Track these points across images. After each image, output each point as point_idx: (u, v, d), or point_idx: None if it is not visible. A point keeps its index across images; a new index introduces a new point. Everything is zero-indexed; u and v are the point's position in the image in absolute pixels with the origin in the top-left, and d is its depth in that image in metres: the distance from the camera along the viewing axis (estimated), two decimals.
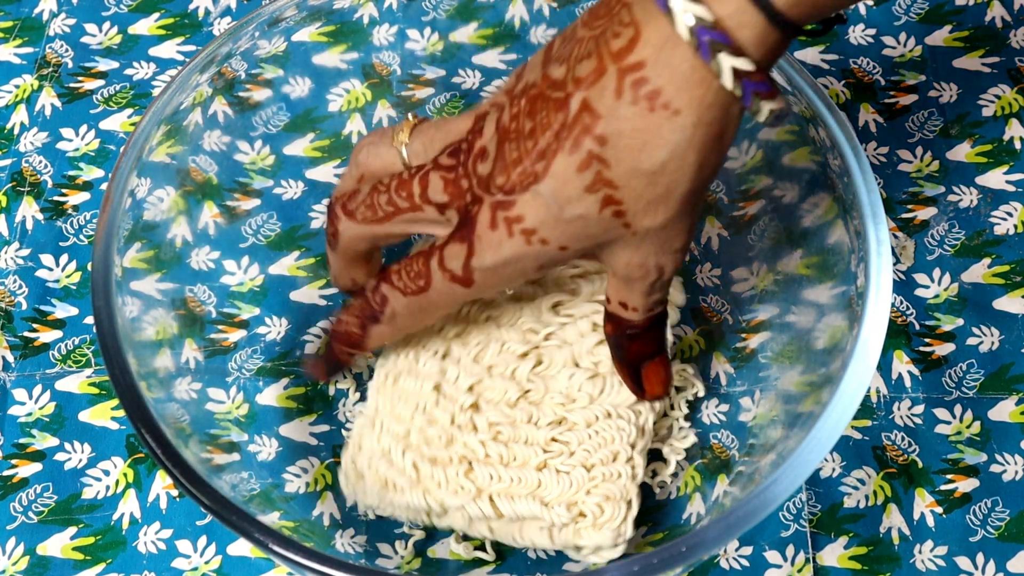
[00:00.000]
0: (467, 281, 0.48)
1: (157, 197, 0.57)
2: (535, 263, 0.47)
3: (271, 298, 0.64)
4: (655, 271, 0.48)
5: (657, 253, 0.47)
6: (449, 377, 0.57)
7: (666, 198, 0.45)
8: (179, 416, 0.52)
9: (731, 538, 0.47)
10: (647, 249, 0.47)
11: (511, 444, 0.55)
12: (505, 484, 0.54)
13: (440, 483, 0.54)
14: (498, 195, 0.46)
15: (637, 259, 0.47)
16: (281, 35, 0.62)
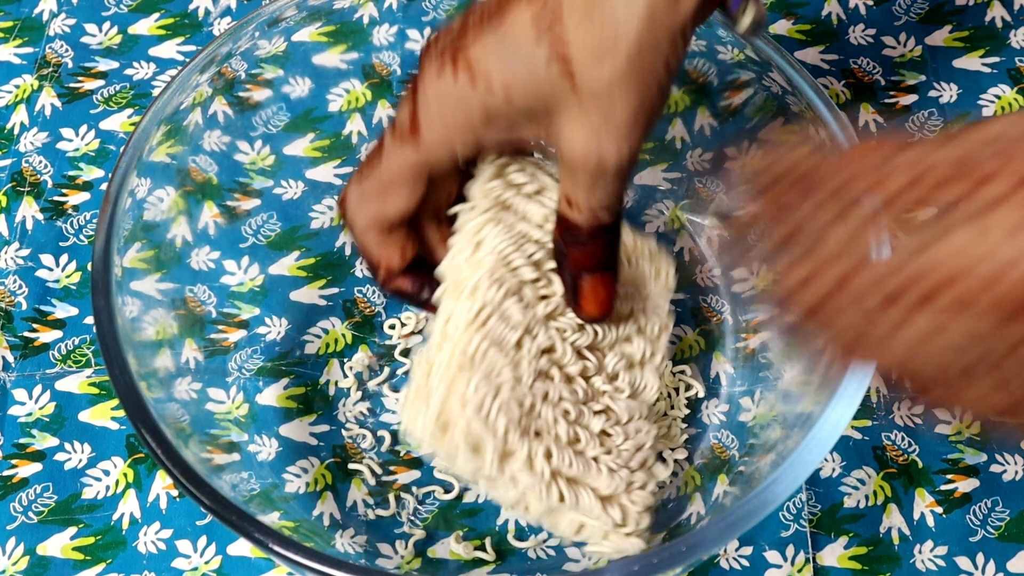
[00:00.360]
0: (415, 135, 0.48)
1: (157, 197, 0.57)
2: (481, 113, 0.47)
3: (271, 298, 0.64)
4: (596, 156, 0.46)
5: (600, 129, 0.46)
6: (533, 332, 0.51)
7: (612, 47, 0.44)
8: (179, 416, 0.52)
9: (731, 538, 0.47)
10: (590, 121, 0.46)
11: (578, 428, 0.51)
12: (575, 472, 0.51)
13: (521, 457, 0.49)
14: (452, 45, 0.47)
15: (581, 136, 0.46)
16: (281, 35, 0.62)
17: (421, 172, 0.50)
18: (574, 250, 0.50)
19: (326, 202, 0.67)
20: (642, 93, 0.46)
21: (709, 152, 0.65)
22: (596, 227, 0.49)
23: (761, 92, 0.59)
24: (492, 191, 0.52)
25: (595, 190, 0.48)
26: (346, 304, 0.64)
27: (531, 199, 0.53)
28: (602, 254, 0.50)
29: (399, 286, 0.54)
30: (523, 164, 0.53)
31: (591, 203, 0.48)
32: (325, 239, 0.66)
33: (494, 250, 0.51)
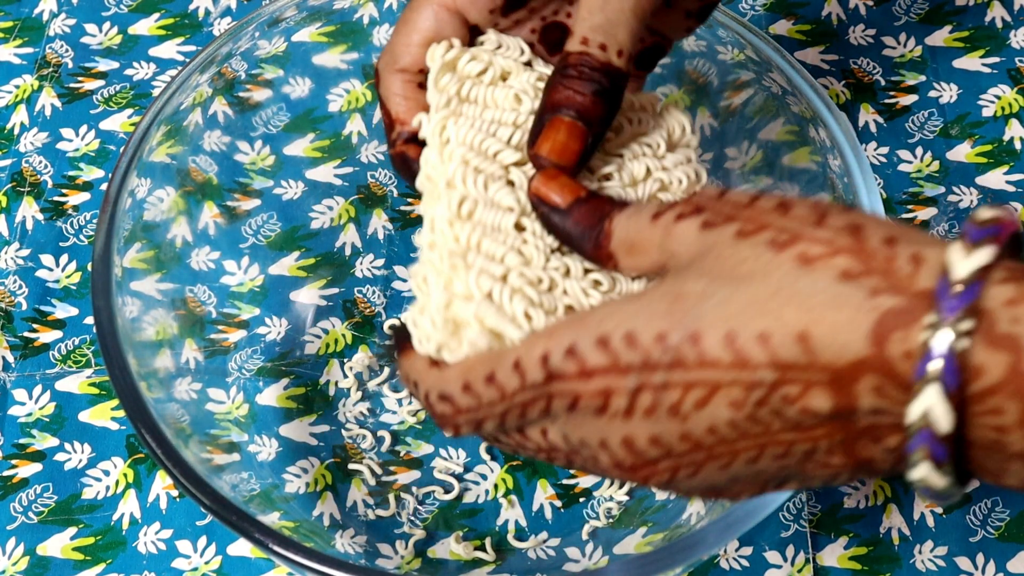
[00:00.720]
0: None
1: (157, 197, 0.57)
2: None
3: (271, 298, 0.64)
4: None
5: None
6: (528, 209, 0.46)
7: None
8: (179, 416, 0.52)
9: (731, 538, 0.47)
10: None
11: (614, 296, 0.45)
12: None
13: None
14: None
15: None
16: (281, 35, 0.62)
17: (447, 7, 0.47)
18: (560, 87, 0.44)
19: (326, 202, 0.67)
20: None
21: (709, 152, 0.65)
22: (597, 63, 0.44)
23: (761, 92, 0.59)
24: (445, 87, 0.48)
25: (605, 7, 0.44)
26: (346, 304, 0.64)
27: (494, 86, 0.48)
28: (587, 101, 0.44)
29: (405, 151, 0.48)
30: (475, 53, 0.49)
31: (595, 22, 0.44)
32: (325, 239, 0.66)
33: (462, 141, 0.47)
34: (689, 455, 0.37)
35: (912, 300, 0.33)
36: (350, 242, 0.66)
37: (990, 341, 0.32)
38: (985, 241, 0.33)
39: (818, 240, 0.35)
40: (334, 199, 0.67)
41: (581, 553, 0.57)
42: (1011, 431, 0.32)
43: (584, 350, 0.37)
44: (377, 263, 0.66)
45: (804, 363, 0.34)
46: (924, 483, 0.34)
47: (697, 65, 0.62)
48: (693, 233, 0.37)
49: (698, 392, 0.35)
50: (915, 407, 0.32)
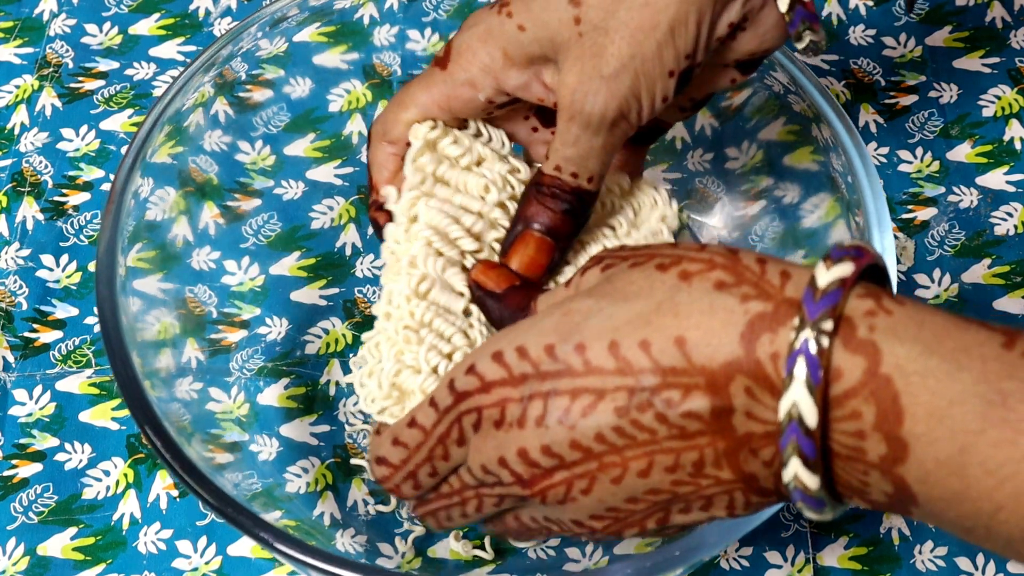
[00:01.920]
0: (444, 60, 0.50)
1: (159, 197, 0.57)
2: (502, 44, 0.48)
3: (272, 298, 0.64)
4: (581, 101, 0.47)
5: (589, 74, 0.46)
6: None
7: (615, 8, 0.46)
8: (181, 415, 0.52)
9: (732, 539, 0.47)
10: (583, 65, 0.46)
11: None
12: None
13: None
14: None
15: (571, 78, 0.47)
16: (282, 35, 0.62)
17: (440, 104, 0.50)
18: (534, 201, 0.49)
19: (326, 202, 0.67)
20: (640, 52, 0.46)
21: (710, 152, 0.65)
22: (567, 187, 0.49)
23: (762, 92, 0.59)
24: (423, 166, 0.51)
25: (577, 144, 0.48)
26: (346, 304, 0.64)
27: (468, 171, 0.52)
28: (556, 219, 0.49)
29: (377, 218, 0.53)
30: (456, 136, 0.52)
31: (567, 154, 0.48)
32: (325, 239, 0.66)
33: (429, 223, 0.50)
34: (581, 464, 0.38)
35: (779, 306, 0.36)
36: (350, 242, 0.66)
37: (849, 345, 0.34)
38: (846, 259, 0.36)
39: (697, 259, 0.38)
40: (334, 199, 0.67)
41: (581, 553, 0.57)
42: (868, 435, 0.34)
43: (482, 366, 0.40)
44: (377, 263, 0.66)
45: (682, 367, 0.36)
46: (797, 483, 0.36)
47: None
48: (595, 275, 0.41)
49: (585, 399, 0.38)
50: (784, 402, 0.35)
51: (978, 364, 0.33)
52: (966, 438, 0.33)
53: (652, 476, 0.38)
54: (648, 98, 0.47)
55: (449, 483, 0.44)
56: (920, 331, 0.34)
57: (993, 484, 0.33)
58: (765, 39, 0.49)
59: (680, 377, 0.36)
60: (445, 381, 0.41)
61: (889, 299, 0.35)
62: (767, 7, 0.48)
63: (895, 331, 0.34)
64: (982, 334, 0.34)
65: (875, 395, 0.34)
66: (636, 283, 0.38)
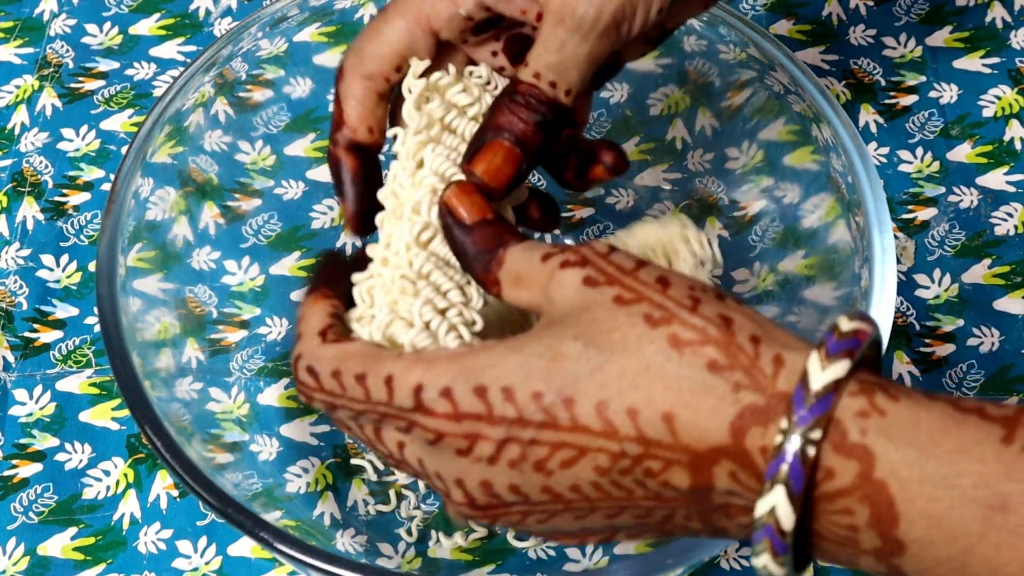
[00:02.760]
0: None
1: (159, 197, 0.57)
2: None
3: (272, 298, 0.64)
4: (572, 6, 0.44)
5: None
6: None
7: None
8: (181, 415, 0.52)
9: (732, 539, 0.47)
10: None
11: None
12: None
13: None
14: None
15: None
16: (282, 35, 0.62)
17: (418, 21, 0.47)
18: (505, 110, 0.45)
19: (327, 202, 0.67)
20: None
21: (710, 153, 0.65)
22: (544, 97, 0.45)
23: (762, 92, 0.59)
24: (431, 112, 0.48)
25: (562, 50, 0.45)
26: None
27: (475, 121, 0.49)
28: (528, 130, 0.45)
29: (341, 157, 0.49)
30: (466, 83, 0.49)
31: (549, 60, 0.45)
32: (326, 239, 0.66)
33: (436, 171, 0.47)
34: (547, 505, 0.38)
35: (770, 400, 0.35)
36: (351, 242, 0.66)
37: (841, 450, 0.34)
38: (841, 355, 0.35)
39: (690, 326, 0.37)
40: (335, 199, 0.67)
41: (581, 553, 0.57)
42: (862, 531, 0.34)
43: (459, 395, 0.38)
44: None
45: (667, 442, 0.36)
46: (764, 571, 0.36)
47: (697, 66, 0.62)
48: (575, 286, 0.39)
49: (566, 453, 0.37)
50: (762, 504, 0.34)
51: (977, 467, 0.33)
52: (967, 540, 0.33)
53: (618, 520, 0.38)
54: (644, 5, 0.44)
55: (380, 438, 0.41)
56: (915, 434, 0.34)
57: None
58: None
59: (664, 451, 0.36)
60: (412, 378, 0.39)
61: (882, 395, 0.35)
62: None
63: (889, 433, 0.34)
64: (980, 431, 0.33)
65: (869, 498, 0.34)
66: (621, 330, 0.37)
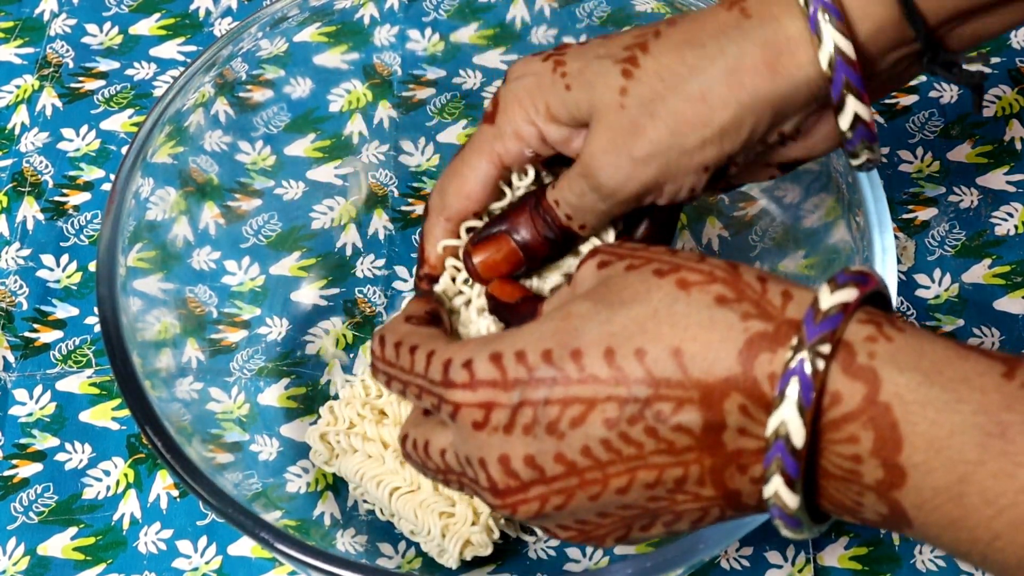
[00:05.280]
0: (492, 114, 0.48)
1: (159, 197, 0.57)
2: (546, 97, 0.47)
3: (272, 298, 0.64)
4: (596, 165, 0.46)
5: (615, 146, 0.45)
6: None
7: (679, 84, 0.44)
8: (181, 416, 0.52)
9: (732, 539, 0.47)
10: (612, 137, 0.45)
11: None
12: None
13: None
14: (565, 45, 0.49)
15: (596, 143, 0.46)
16: (282, 36, 0.62)
17: (490, 160, 0.49)
18: (527, 211, 0.49)
19: (327, 202, 0.67)
20: (679, 144, 0.45)
21: None
22: (556, 220, 0.48)
23: None
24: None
25: (581, 198, 0.47)
26: (347, 304, 0.64)
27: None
28: (537, 240, 0.49)
29: (422, 288, 0.53)
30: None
31: (569, 200, 0.48)
32: (325, 239, 0.66)
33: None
34: (562, 480, 0.38)
35: (780, 327, 0.36)
36: (351, 242, 0.66)
37: (849, 370, 0.34)
38: (850, 284, 0.36)
39: (697, 270, 0.38)
40: (335, 199, 0.67)
41: (582, 553, 0.57)
42: (865, 460, 0.34)
43: (477, 364, 0.39)
44: (378, 263, 0.66)
45: (676, 379, 0.36)
46: (777, 500, 0.35)
47: None
48: (591, 271, 0.41)
49: (575, 409, 0.37)
50: (773, 420, 0.35)
51: (978, 395, 0.33)
52: (965, 468, 0.33)
53: (630, 493, 0.38)
54: (673, 188, 0.46)
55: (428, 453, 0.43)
56: (920, 360, 0.34)
57: (991, 513, 0.33)
58: (814, 149, 0.47)
59: (674, 389, 0.36)
60: (447, 354, 0.40)
61: (890, 326, 0.35)
62: (823, 120, 0.46)
63: (895, 359, 0.34)
64: (982, 363, 0.34)
65: (873, 421, 0.34)
66: (632, 287, 0.38)
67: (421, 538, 0.55)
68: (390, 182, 0.68)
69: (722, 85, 0.44)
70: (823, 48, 0.43)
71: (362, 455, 0.55)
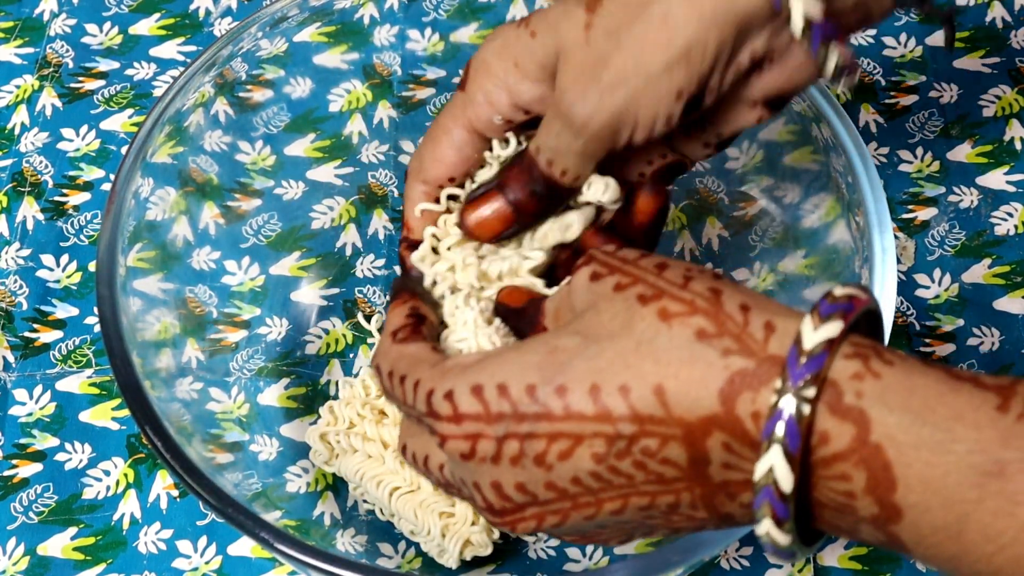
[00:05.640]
0: (463, 85, 0.48)
1: (159, 197, 0.57)
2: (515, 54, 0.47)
3: (272, 298, 0.64)
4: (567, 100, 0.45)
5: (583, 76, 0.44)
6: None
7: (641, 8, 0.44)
8: (181, 415, 0.52)
9: (732, 539, 0.47)
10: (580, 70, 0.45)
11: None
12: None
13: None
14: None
15: (566, 77, 0.45)
16: (282, 36, 0.62)
17: (464, 127, 0.49)
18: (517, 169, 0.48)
19: (327, 202, 0.67)
20: (646, 68, 0.44)
21: None
22: (539, 173, 0.47)
23: None
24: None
25: (558, 138, 0.46)
26: (346, 304, 0.64)
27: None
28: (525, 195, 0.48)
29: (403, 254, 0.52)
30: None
31: (547, 142, 0.47)
32: (325, 239, 0.66)
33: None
34: (555, 503, 0.38)
35: (762, 364, 0.35)
36: (351, 242, 0.66)
37: (837, 411, 0.34)
38: (834, 316, 0.35)
39: (679, 299, 0.37)
40: (334, 199, 0.67)
41: (582, 553, 0.57)
42: (859, 497, 0.34)
43: (459, 396, 0.39)
44: (378, 263, 0.66)
45: (660, 416, 0.36)
46: (768, 539, 0.35)
47: None
48: (584, 284, 0.40)
49: (562, 444, 0.37)
50: (760, 465, 0.34)
51: (973, 433, 0.33)
52: (963, 507, 0.32)
53: (625, 514, 0.38)
54: (648, 116, 0.45)
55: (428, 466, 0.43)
56: (910, 398, 0.33)
57: (992, 550, 0.32)
58: (794, 76, 0.46)
59: (658, 426, 0.36)
60: (430, 385, 0.40)
61: (877, 360, 0.34)
62: (795, 42, 0.45)
63: (884, 398, 0.34)
64: (976, 397, 0.33)
65: (865, 462, 0.33)
66: (618, 316, 0.38)
67: (421, 538, 0.55)
68: (390, 182, 0.68)
69: (682, 5, 0.43)
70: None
71: (362, 455, 0.55)
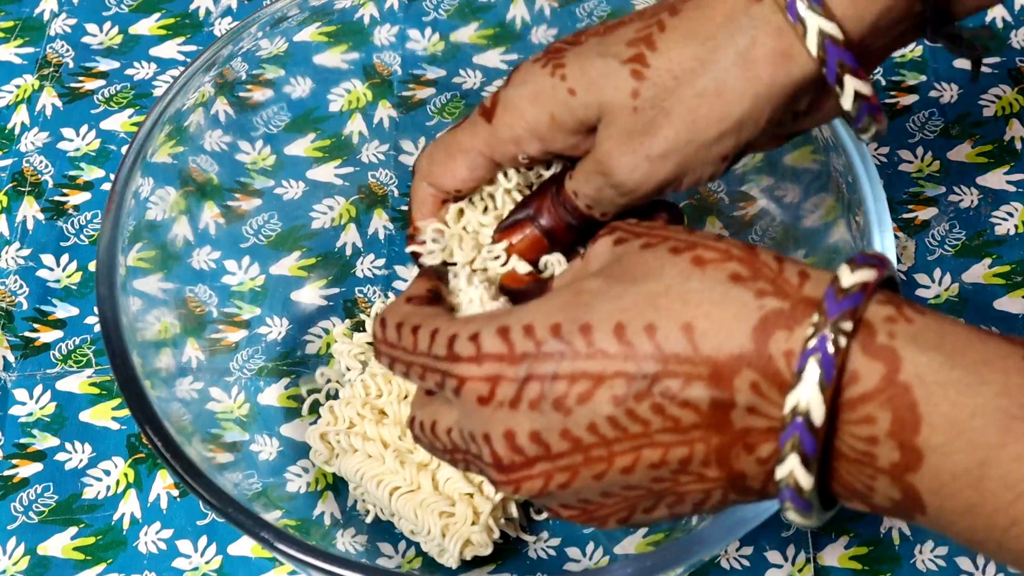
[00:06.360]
0: (491, 115, 0.49)
1: (159, 197, 0.57)
2: (549, 106, 0.47)
3: (272, 298, 0.64)
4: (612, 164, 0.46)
5: (633, 150, 0.46)
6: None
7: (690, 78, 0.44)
8: (181, 415, 0.52)
9: (732, 538, 0.47)
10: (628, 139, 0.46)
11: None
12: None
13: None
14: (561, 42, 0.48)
15: (611, 146, 0.46)
16: (282, 35, 0.62)
17: (483, 154, 0.50)
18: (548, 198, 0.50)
19: (327, 202, 0.67)
20: (697, 139, 0.45)
21: None
22: (576, 210, 0.49)
23: None
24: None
25: (599, 193, 0.48)
26: (346, 304, 0.64)
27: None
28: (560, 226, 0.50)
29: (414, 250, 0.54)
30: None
31: (588, 192, 0.48)
32: (325, 239, 0.66)
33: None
34: (566, 457, 0.38)
35: (796, 305, 0.35)
36: (351, 242, 0.66)
37: (868, 350, 0.34)
38: (868, 265, 0.35)
39: (713, 248, 0.37)
40: (335, 199, 0.67)
41: (582, 553, 0.57)
42: (881, 441, 0.34)
43: (484, 337, 0.39)
44: (378, 263, 0.66)
45: (686, 354, 0.35)
46: (791, 481, 0.35)
47: None
48: (607, 248, 0.40)
49: (583, 385, 0.37)
50: (791, 398, 0.34)
51: (1000, 377, 0.33)
52: (986, 451, 0.33)
53: (635, 473, 0.37)
54: (691, 179, 0.46)
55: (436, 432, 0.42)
56: (941, 341, 0.34)
57: (1011, 498, 0.32)
58: (820, 120, 0.48)
59: (683, 365, 0.35)
60: (452, 330, 0.40)
61: (910, 308, 0.35)
62: (830, 96, 0.46)
63: (916, 340, 0.34)
64: (1004, 347, 0.34)
65: (892, 402, 0.34)
66: (647, 264, 0.38)
67: (421, 538, 0.55)
68: (390, 182, 0.68)
69: (737, 78, 0.44)
70: (809, 35, 0.42)
71: (362, 455, 0.55)
